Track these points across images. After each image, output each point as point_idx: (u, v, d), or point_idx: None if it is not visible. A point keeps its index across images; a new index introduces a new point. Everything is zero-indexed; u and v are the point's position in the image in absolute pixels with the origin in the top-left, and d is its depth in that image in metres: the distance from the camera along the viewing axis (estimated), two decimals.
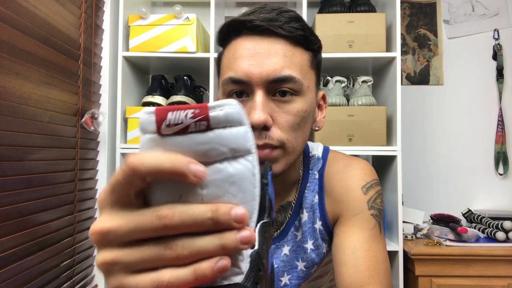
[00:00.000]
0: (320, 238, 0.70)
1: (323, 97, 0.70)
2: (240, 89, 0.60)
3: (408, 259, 1.51)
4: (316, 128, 0.69)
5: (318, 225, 0.70)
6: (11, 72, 0.99)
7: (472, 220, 1.72)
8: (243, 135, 0.26)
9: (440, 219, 1.67)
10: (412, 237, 1.62)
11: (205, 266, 0.25)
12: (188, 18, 1.52)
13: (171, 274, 0.24)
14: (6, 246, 0.97)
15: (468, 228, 1.55)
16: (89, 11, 1.41)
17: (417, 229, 1.68)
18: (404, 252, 1.49)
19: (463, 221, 1.73)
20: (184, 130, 0.25)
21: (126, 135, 1.53)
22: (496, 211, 1.80)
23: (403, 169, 1.52)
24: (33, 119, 1.09)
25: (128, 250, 0.25)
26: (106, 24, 1.53)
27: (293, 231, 0.72)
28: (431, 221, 1.68)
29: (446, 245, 1.52)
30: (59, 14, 1.22)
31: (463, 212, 1.77)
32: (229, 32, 0.63)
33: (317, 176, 0.72)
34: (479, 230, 1.61)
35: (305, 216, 0.70)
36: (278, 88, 0.59)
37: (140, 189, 0.26)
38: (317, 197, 0.71)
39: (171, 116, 0.25)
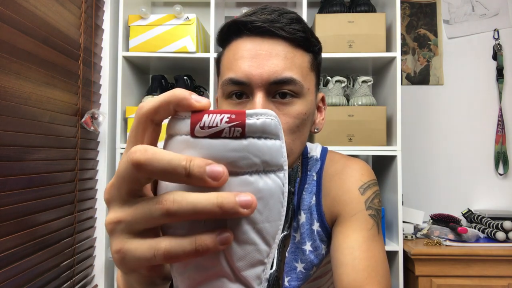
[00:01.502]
0: (318, 239, 0.70)
1: (323, 99, 0.70)
2: (240, 90, 0.59)
3: (408, 259, 1.51)
4: (316, 130, 0.68)
5: (316, 226, 0.70)
6: (11, 72, 0.99)
7: (472, 220, 1.72)
8: (277, 149, 0.25)
9: (440, 219, 1.67)
10: (412, 237, 1.62)
11: (206, 237, 0.23)
12: (188, 18, 1.52)
13: (169, 242, 0.24)
14: (6, 246, 0.97)
15: (468, 228, 1.55)
16: (89, 11, 1.41)
17: (417, 229, 1.68)
18: (404, 252, 1.49)
19: (463, 221, 1.73)
20: (217, 134, 0.24)
21: (126, 135, 1.53)
22: (496, 211, 1.80)
23: (403, 169, 1.52)
24: (33, 119, 1.09)
25: (128, 209, 0.25)
26: (106, 24, 1.53)
27: (292, 233, 0.71)
28: (431, 221, 1.68)
29: (446, 245, 1.52)
30: (59, 14, 1.22)
31: (463, 212, 1.77)
32: (229, 33, 0.63)
33: (315, 178, 0.72)
34: (479, 230, 1.61)
35: (302, 217, 0.71)
36: (279, 90, 0.58)
37: (146, 183, 0.25)
38: (314, 198, 0.71)
39: (207, 118, 0.24)
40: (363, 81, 1.57)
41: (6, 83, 0.97)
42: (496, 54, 1.90)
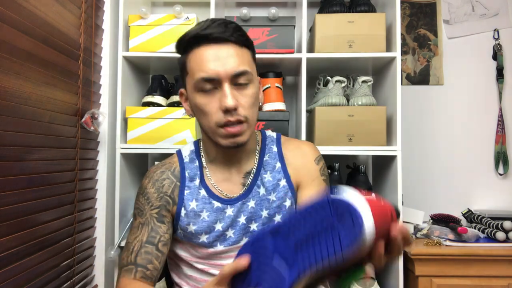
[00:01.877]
0: (283, 191, 0.94)
1: (260, 82, 0.95)
2: (211, 85, 0.84)
3: (408, 259, 1.51)
4: (260, 103, 0.93)
5: (283, 182, 0.95)
6: (11, 72, 0.99)
7: (472, 220, 1.72)
8: None
9: (440, 219, 1.67)
10: (412, 237, 1.62)
11: None
12: (188, 18, 1.52)
13: None
14: (6, 246, 0.97)
15: (468, 228, 1.55)
16: (89, 11, 1.41)
17: (417, 229, 1.68)
18: (404, 252, 1.49)
19: (463, 221, 1.73)
20: None
21: (126, 135, 1.53)
22: (496, 211, 1.80)
23: (403, 169, 1.52)
24: (33, 119, 1.09)
25: None
26: (106, 24, 1.53)
27: (256, 189, 0.94)
28: (431, 221, 1.68)
29: (446, 245, 1.52)
30: (59, 14, 1.22)
31: (463, 212, 1.77)
32: (190, 43, 0.86)
33: (275, 149, 0.98)
34: (479, 230, 1.61)
35: (268, 176, 0.95)
36: (238, 80, 0.84)
37: None
38: (279, 163, 0.96)
39: None
40: (363, 81, 1.57)
41: (6, 83, 0.97)
42: (496, 54, 1.91)
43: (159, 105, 1.57)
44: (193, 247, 0.95)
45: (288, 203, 0.94)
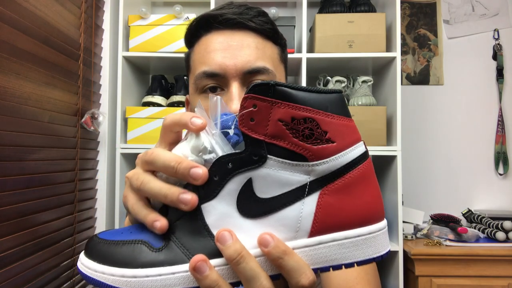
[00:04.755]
0: None
1: None
2: (215, 83, 0.59)
3: (408, 259, 1.51)
4: None
5: None
6: (11, 72, 0.99)
7: (472, 220, 1.72)
8: None
9: (440, 219, 1.67)
10: (412, 237, 1.62)
11: (174, 190, 0.34)
12: (188, 18, 1.52)
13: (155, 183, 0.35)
14: (6, 246, 0.97)
15: (468, 228, 1.55)
16: (89, 11, 1.41)
17: (417, 229, 1.68)
18: (404, 252, 1.49)
19: (463, 221, 1.73)
20: None
21: (126, 135, 1.53)
22: (496, 211, 1.80)
23: (403, 169, 1.52)
24: (33, 119, 1.09)
25: (134, 175, 0.38)
26: (106, 24, 1.53)
27: None
28: (431, 221, 1.68)
29: (446, 245, 1.52)
30: (59, 14, 1.22)
31: (463, 212, 1.77)
32: (198, 29, 0.63)
33: None
34: (479, 230, 1.61)
35: None
36: (253, 80, 0.58)
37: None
38: None
39: None
40: (363, 81, 1.57)
41: (6, 83, 0.97)
42: (496, 54, 1.90)
43: (159, 105, 1.57)
44: None
45: None
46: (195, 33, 0.64)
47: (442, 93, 1.93)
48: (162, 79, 1.63)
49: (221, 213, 0.32)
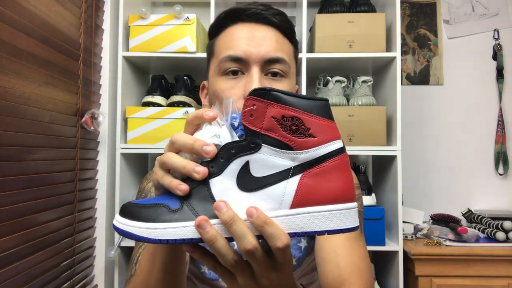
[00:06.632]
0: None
1: (297, 90, 0.78)
2: (237, 67, 0.67)
3: (408, 259, 1.51)
4: None
5: None
6: (11, 72, 0.99)
7: (472, 220, 1.72)
8: None
9: (440, 219, 1.67)
10: (412, 237, 1.62)
11: (191, 164, 0.42)
12: (188, 18, 1.52)
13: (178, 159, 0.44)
14: (6, 246, 0.97)
15: (468, 228, 1.55)
16: (89, 11, 1.41)
17: (417, 229, 1.68)
18: (404, 252, 1.49)
19: (463, 221, 1.73)
20: None
21: (126, 135, 1.53)
22: (496, 211, 1.80)
23: (403, 169, 1.52)
24: (33, 119, 1.09)
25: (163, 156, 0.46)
26: (106, 24, 1.53)
27: None
28: (431, 221, 1.68)
29: (446, 245, 1.52)
30: (59, 14, 1.22)
31: (463, 212, 1.77)
32: (226, 19, 0.71)
33: None
34: (479, 230, 1.61)
35: None
36: (271, 68, 0.67)
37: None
38: None
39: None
40: (363, 81, 1.57)
41: (6, 83, 0.97)
42: (496, 54, 1.91)
43: (159, 105, 1.57)
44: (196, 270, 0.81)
45: (302, 245, 0.77)
46: (223, 23, 0.72)
47: (442, 93, 1.93)
48: (162, 79, 1.63)
49: (224, 186, 0.41)
